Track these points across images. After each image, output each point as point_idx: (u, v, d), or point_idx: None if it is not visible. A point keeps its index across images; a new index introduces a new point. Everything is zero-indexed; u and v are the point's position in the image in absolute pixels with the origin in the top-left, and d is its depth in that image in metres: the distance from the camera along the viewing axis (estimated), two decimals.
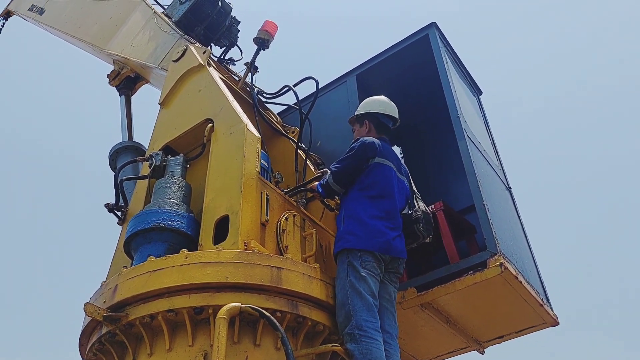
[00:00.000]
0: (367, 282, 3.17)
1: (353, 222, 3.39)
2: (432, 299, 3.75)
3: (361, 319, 3.01)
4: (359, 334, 2.96)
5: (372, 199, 3.45)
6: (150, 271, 2.88)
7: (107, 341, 2.95)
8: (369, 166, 3.56)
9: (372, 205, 3.43)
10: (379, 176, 3.54)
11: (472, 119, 4.96)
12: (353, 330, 2.98)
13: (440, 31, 5.18)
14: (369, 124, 3.92)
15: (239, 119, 3.74)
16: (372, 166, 3.56)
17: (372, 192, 3.47)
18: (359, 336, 2.96)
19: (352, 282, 3.16)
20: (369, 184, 3.51)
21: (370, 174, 3.54)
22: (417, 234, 3.55)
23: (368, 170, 3.55)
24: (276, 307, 2.85)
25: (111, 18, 5.86)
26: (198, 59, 4.46)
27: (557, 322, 4.15)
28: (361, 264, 3.23)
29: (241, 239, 3.05)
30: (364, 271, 3.20)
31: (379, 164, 3.58)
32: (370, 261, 3.26)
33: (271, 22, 4.66)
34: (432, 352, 4.43)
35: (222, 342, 2.55)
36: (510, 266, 3.63)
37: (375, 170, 3.55)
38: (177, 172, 3.71)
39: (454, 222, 4.22)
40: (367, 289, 3.15)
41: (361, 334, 2.96)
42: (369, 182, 3.51)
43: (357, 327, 2.98)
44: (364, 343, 2.93)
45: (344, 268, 3.26)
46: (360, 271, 3.20)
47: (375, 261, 3.28)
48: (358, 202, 3.46)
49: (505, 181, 5.05)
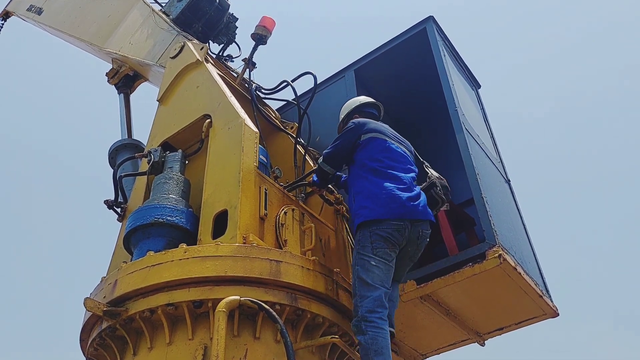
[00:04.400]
0: (375, 272, 3.14)
1: (362, 197, 3.36)
2: (432, 291, 3.77)
3: (366, 311, 3.02)
4: (364, 324, 2.99)
5: (374, 171, 3.42)
6: (149, 266, 2.89)
7: (108, 336, 2.97)
8: (362, 142, 3.55)
9: (377, 176, 3.39)
10: (375, 149, 3.52)
11: (470, 112, 4.96)
12: (359, 322, 3.01)
13: (437, 25, 5.18)
14: (359, 117, 3.88)
15: (236, 114, 3.75)
16: (366, 141, 3.55)
17: (374, 165, 3.44)
18: (365, 327, 2.98)
19: (359, 273, 3.15)
20: (368, 157, 3.49)
21: (364, 149, 3.53)
22: (436, 199, 3.50)
23: (362, 146, 3.54)
24: (275, 300, 2.87)
25: (109, 17, 5.86)
26: (196, 55, 4.47)
27: (557, 313, 4.16)
28: (372, 250, 3.17)
29: (240, 233, 3.06)
30: (375, 259, 3.16)
31: (372, 137, 3.56)
32: (384, 247, 3.17)
33: (269, 18, 4.67)
34: (433, 344, 4.45)
35: (222, 335, 2.56)
36: (509, 257, 3.64)
37: (369, 144, 3.53)
38: (176, 167, 3.72)
39: (453, 214, 4.24)
40: (376, 278, 3.12)
41: (367, 324, 2.99)
42: (367, 156, 3.49)
43: (362, 319, 3.01)
44: (370, 333, 2.96)
45: (355, 254, 3.27)
46: (371, 260, 3.16)
47: (393, 238, 3.19)
48: (362, 178, 3.43)
49: (505, 174, 5.05)
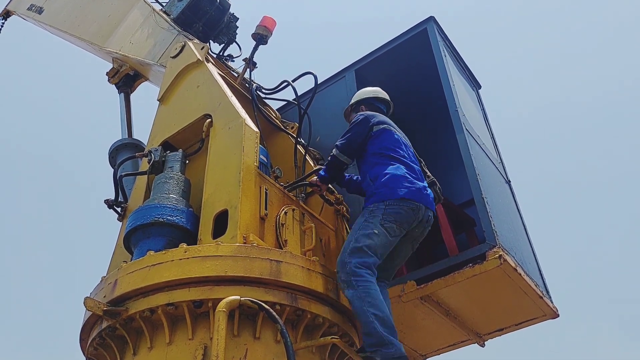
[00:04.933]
0: (374, 240, 3.17)
1: (381, 178, 3.40)
2: (432, 291, 3.77)
3: (355, 265, 3.08)
4: (355, 279, 3.03)
5: (391, 158, 3.51)
6: (149, 265, 2.89)
7: (108, 335, 2.96)
8: (375, 133, 3.63)
9: (394, 162, 3.48)
10: (388, 140, 3.61)
11: (471, 112, 4.96)
12: (349, 277, 3.05)
13: (438, 25, 5.19)
14: (365, 109, 3.98)
15: (237, 114, 3.75)
16: (379, 132, 3.64)
17: (389, 153, 3.54)
18: (356, 281, 3.02)
19: (357, 236, 3.20)
20: (382, 147, 3.57)
21: (377, 140, 3.61)
22: (437, 196, 3.68)
23: (374, 137, 3.62)
24: (275, 300, 2.86)
25: (110, 16, 5.86)
26: (196, 54, 4.46)
27: (557, 314, 4.16)
28: (381, 221, 3.22)
29: (240, 233, 3.06)
30: (379, 229, 3.20)
31: (385, 129, 3.66)
32: (393, 222, 3.22)
33: (269, 18, 4.67)
34: (433, 345, 4.45)
35: (222, 335, 2.55)
36: (509, 258, 3.64)
37: (382, 135, 3.63)
38: (176, 167, 3.72)
39: (453, 215, 4.24)
40: (372, 246, 3.16)
41: (357, 279, 3.03)
42: (381, 146, 3.57)
43: (352, 274, 3.05)
44: (361, 287, 3.01)
45: (360, 220, 3.31)
46: (374, 229, 3.19)
47: (407, 216, 3.27)
48: (379, 164, 3.50)
49: (505, 175, 5.05)
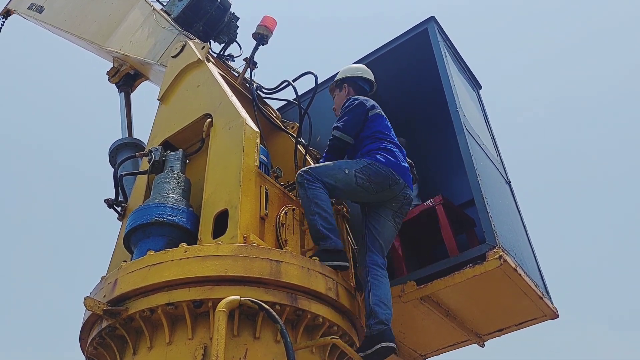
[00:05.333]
0: (341, 174, 3.47)
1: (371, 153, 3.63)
2: (432, 292, 3.76)
3: (312, 176, 3.43)
4: (307, 184, 3.40)
5: (383, 141, 3.72)
6: (149, 265, 2.89)
7: (108, 335, 2.96)
8: (370, 117, 3.83)
9: (384, 144, 3.69)
10: (381, 125, 3.83)
11: (471, 113, 4.96)
12: (303, 180, 3.43)
13: (439, 25, 5.18)
14: (348, 87, 4.24)
15: (237, 113, 3.74)
16: (373, 117, 3.84)
17: (381, 137, 3.75)
18: (308, 185, 3.39)
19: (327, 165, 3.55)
20: (375, 132, 3.77)
21: (372, 124, 3.81)
22: (414, 177, 3.95)
23: (370, 121, 3.82)
24: (275, 300, 2.85)
25: (110, 15, 5.86)
26: (197, 54, 4.46)
27: (556, 314, 4.16)
28: (357, 170, 3.49)
29: (240, 233, 3.06)
30: (350, 172, 3.48)
31: (378, 114, 3.87)
32: (366, 176, 3.47)
33: (270, 18, 4.67)
34: (432, 345, 4.45)
35: (222, 335, 2.54)
36: (509, 259, 3.64)
37: (376, 120, 3.83)
38: (177, 167, 3.71)
39: (453, 215, 4.24)
40: (336, 175, 3.47)
41: (310, 184, 3.40)
42: (375, 130, 3.78)
43: (307, 180, 3.41)
44: (311, 190, 3.37)
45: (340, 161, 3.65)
46: (346, 168, 3.51)
47: (384, 180, 3.50)
48: (371, 145, 3.70)
49: (505, 175, 5.05)
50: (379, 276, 3.40)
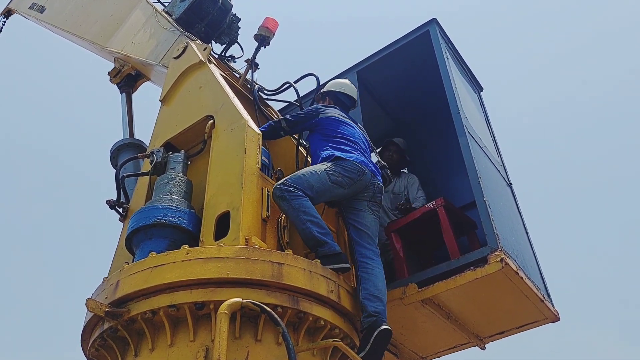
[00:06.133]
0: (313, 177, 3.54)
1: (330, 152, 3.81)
2: (433, 294, 3.75)
3: (289, 185, 3.42)
4: (288, 195, 3.37)
5: (339, 138, 3.95)
6: (151, 267, 2.88)
7: (109, 337, 2.95)
8: (317, 122, 4.10)
9: (341, 146, 3.89)
10: (335, 125, 4.06)
11: (472, 115, 4.96)
12: (283, 193, 3.38)
13: (440, 27, 5.18)
14: (329, 100, 4.52)
15: (239, 115, 3.74)
16: (318, 121, 4.10)
17: (336, 135, 3.98)
18: (289, 196, 3.36)
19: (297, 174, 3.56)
20: (331, 130, 4.01)
21: (326, 123, 4.07)
22: (387, 178, 4.13)
23: (316, 124, 4.09)
24: (277, 302, 2.85)
25: (112, 16, 5.86)
26: (199, 55, 4.46)
27: (557, 317, 4.15)
28: (327, 169, 3.60)
29: (242, 235, 3.06)
30: (321, 172, 3.58)
31: (324, 117, 4.12)
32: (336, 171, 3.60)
33: (271, 19, 4.66)
34: (433, 347, 4.44)
35: (224, 337, 2.54)
36: (511, 262, 3.64)
37: (322, 122, 4.09)
38: (178, 168, 3.71)
39: (454, 218, 4.23)
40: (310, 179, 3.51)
41: (290, 194, 3.37)
42: (330, 129, 4.02)
43: (286, 190, 3.38)
44: (295, 200, 3.36)
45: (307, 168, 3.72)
46: (316, 170, 3.60)
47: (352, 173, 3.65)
48: (327, 146, 3.90)
49: (506, 177, 5.05)
50: (369, 269, 3.46)
